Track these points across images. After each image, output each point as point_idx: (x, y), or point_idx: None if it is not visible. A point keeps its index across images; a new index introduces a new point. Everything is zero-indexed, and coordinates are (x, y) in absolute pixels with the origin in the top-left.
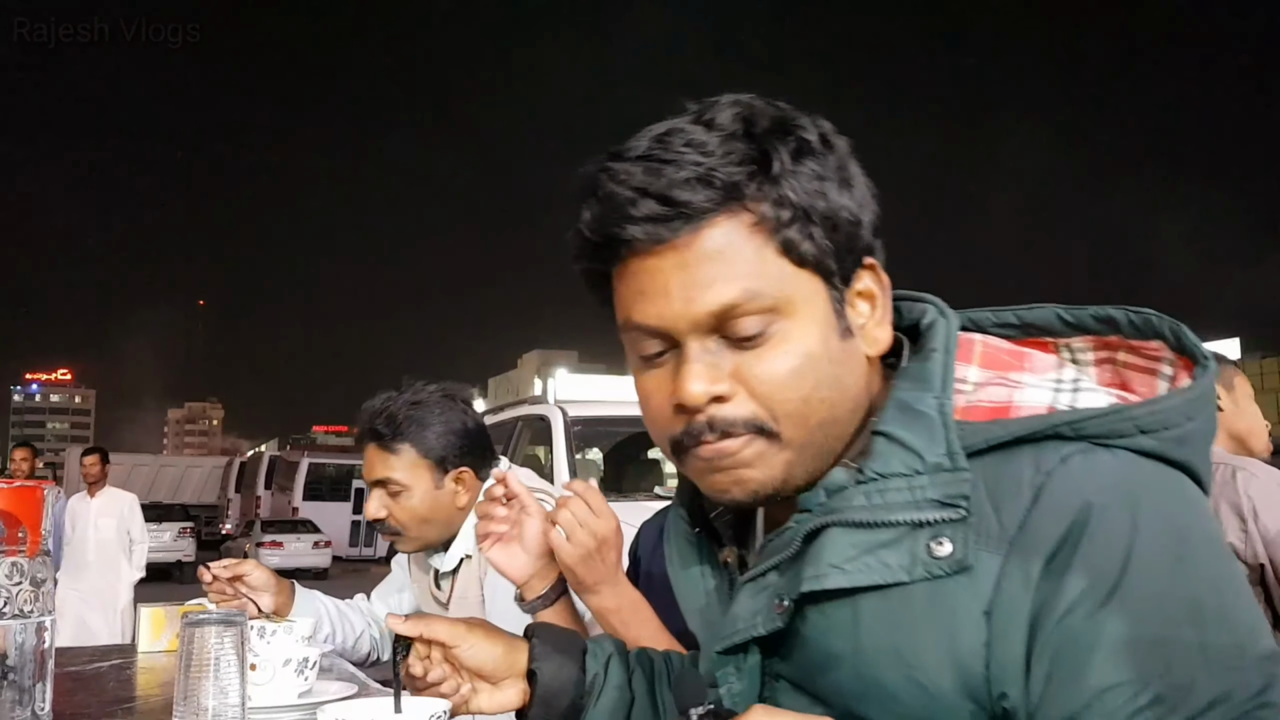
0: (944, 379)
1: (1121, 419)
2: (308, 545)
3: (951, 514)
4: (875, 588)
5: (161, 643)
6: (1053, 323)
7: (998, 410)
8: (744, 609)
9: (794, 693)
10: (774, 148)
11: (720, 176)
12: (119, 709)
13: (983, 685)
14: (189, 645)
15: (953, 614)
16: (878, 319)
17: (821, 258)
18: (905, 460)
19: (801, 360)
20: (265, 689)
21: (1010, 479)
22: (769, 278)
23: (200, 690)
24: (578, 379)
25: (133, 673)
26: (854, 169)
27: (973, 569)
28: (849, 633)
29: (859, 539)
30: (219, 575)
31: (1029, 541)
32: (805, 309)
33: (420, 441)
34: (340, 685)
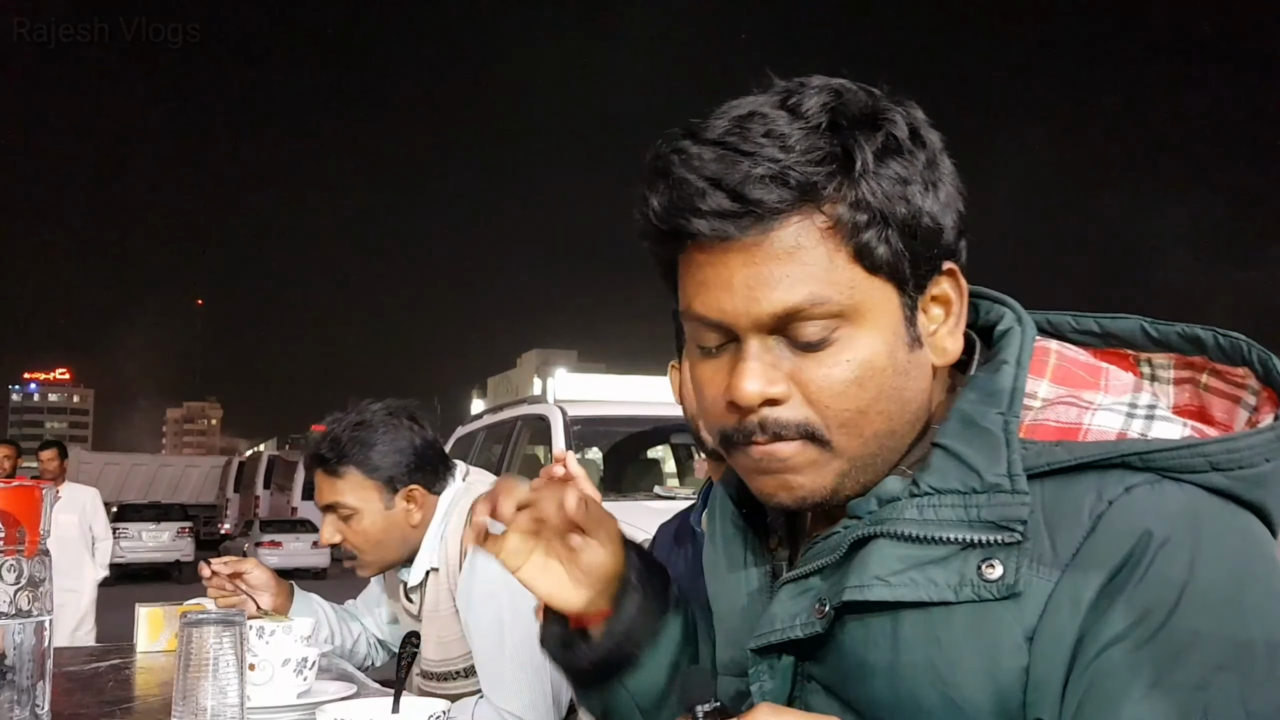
0: (1012, 395)
1: (1195, 454)
2: (306, 545)
3: (1006, 537)
4: (918, 604)
5: (160, 642)
6: (1136, 335)
7: (1065, 431)
8: (784, 609)
9: (825, 696)
10: (859, 145)
11: (797, 176)
12: (117, 709)
13: (1018, 709)
14: (188, 645)
15: (995, 636)
16: (950, 327)
17: (896, 264)
18: (962, 477)
19: (862, 371)
20: (264, 689)
21: (1070, 504)
22: (838, 283)
23: (199, 690)
24: (577, 378)
25: (131, 673)
26: (943, 167)
27: (1022, 594)
28: (887, 645)
29: (907, 553)
30: (219, 571)
31: (1082, 570)
32: (873, 317)
33: (365, 462)
34: (339, 685)
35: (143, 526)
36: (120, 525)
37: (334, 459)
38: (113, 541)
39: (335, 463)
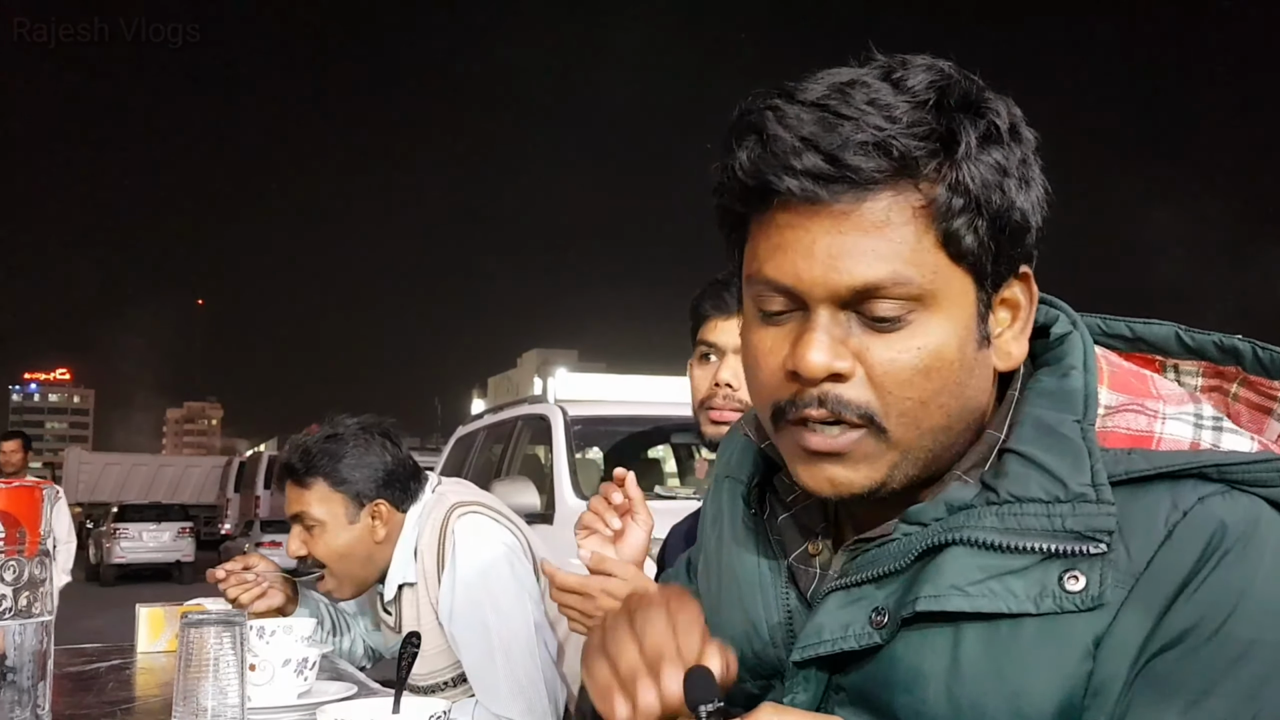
0: (1087, 401)
1: (1270, 469)
2: None
3: (1091, 547)
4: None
5: (160, 643)
6: (1170, 343)
7: (1138, 439)
8: (833, 620)
9: (854, 709)
10: (963, 127)
11: (899, 146)
12: (118, 709)
13: (1077, 712)
14: (188, 646)
15: (1068, 644)
16: (1016, 332)
17: (980, 256)
18: (1045, 485)
19: (931, 359)
20: (264, 689)
21: (1145, 513)
22: (922, 265)
23: (200, 690)
24: (577, 378)
25: (132, 673)
26: (1035, 168)
27: (1100, 605)
28: (945, 653)
29: (987, 562)
30: (231, 569)
31: (1156, 578)
32: (949, 307)
33: (332, 474)
34: (340, 686)
35: (143, 527)
36: (121, 525)
37: (302, 469)
38: (76, 545)
39: (304, 473)
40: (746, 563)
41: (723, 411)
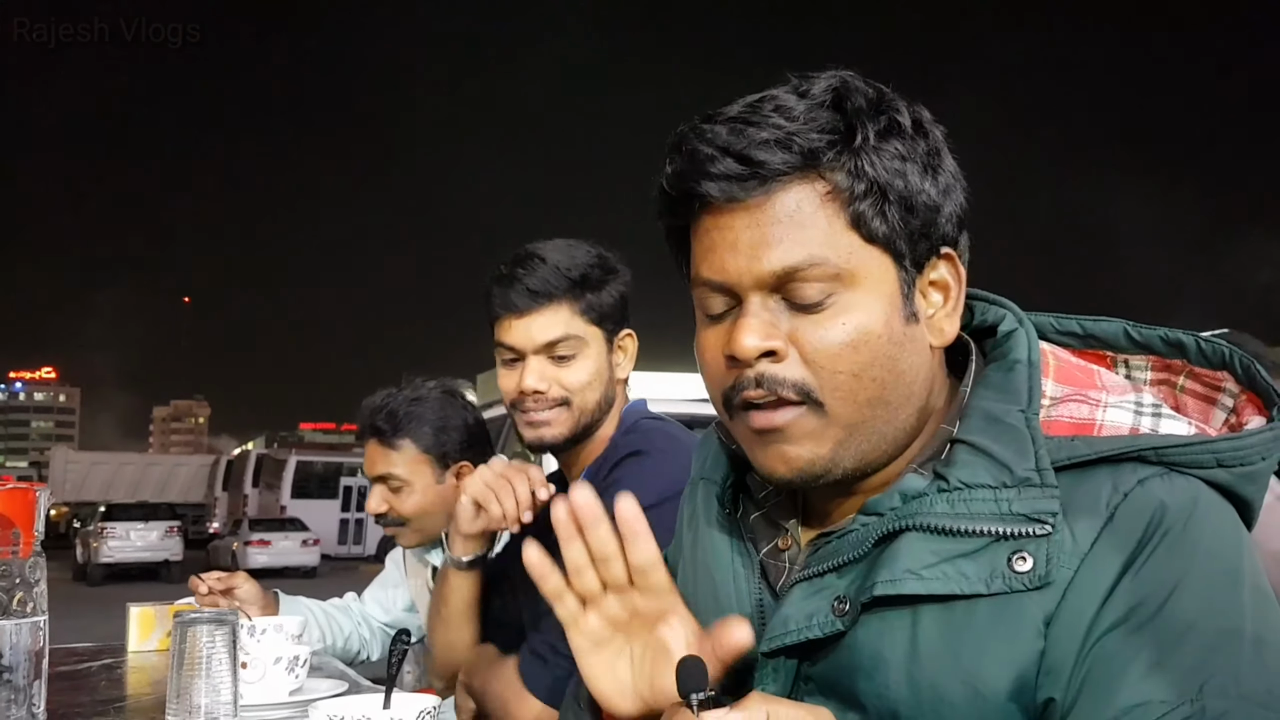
0: (1031, 392)
1: (1204, 450)
2: (296, 543)
3: (1037, 529)
4: (944, 596)
5: (151, 642)
6: (1119, 338)
7: (1080, 426)
8: (798, 610)
9: (823, 696)
10: (861, 122)
11: (800, 142)
12: (111, 708)
13: (1031, 690)
14: (181, 644)
15: (1018, 624)
16: (948, 311)
17: (893, 237)
18: (992, 472)
19: (857, 334)
20: (257, 687)
21: (1088, 496)
22: (837, 247)
23: (193, 688)
24: None
25: (123, 672)
26: (945, 159)
27: (1048, 584)
28: (904, 637)
29: (939, 546)
30: (214, 588)
31: (1100, 558)
32: (870, 285)
33: (421, 437)
34: (331, 683)
35: (131, 526)
36: (108, 525)
37: (390, 431)
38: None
39: (391, 435)
40: (720, 560)
41: (536, 413)
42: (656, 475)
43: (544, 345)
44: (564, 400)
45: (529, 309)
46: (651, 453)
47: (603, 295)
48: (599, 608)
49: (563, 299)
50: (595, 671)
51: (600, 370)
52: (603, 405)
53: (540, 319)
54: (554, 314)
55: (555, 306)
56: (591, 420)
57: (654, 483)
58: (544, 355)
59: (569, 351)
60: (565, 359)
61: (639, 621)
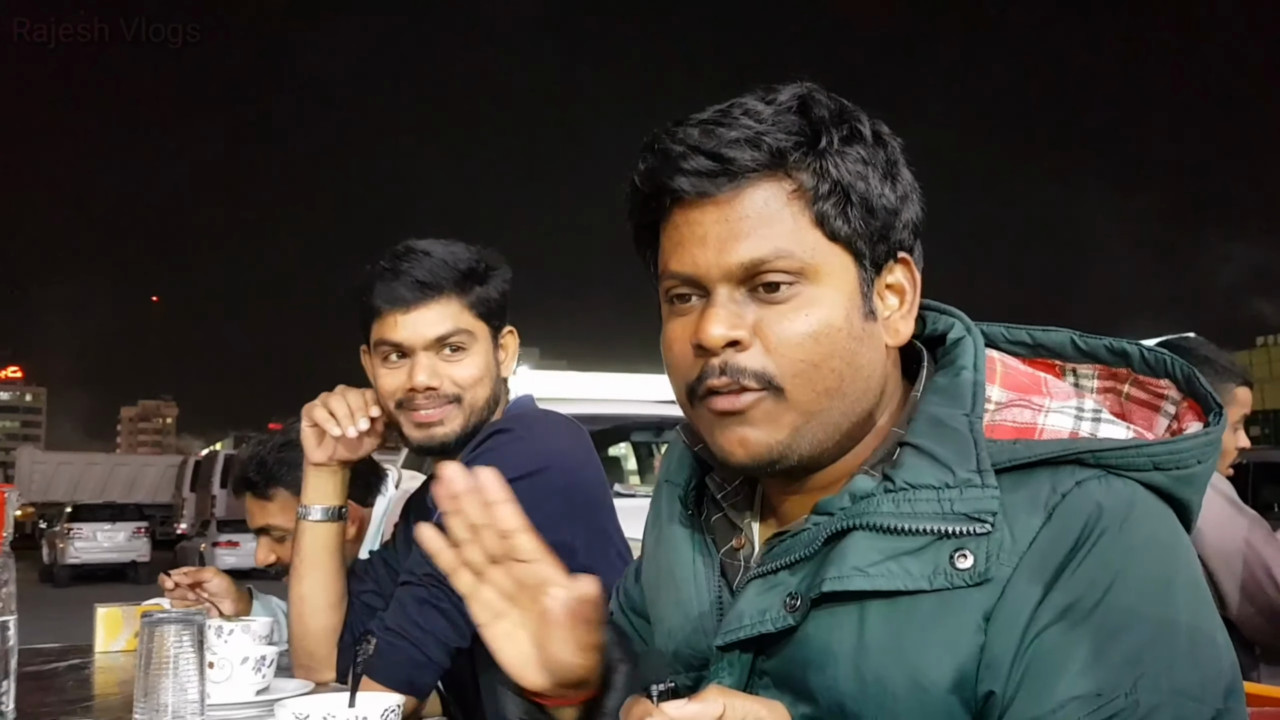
0: (974, 397)
1: (1140, 454)
2: None
3: (977, 528)
4: (890, 592)
5: (118, 643)
6: (1066, 348)
7: (1022, 430)
8: (751, 606)
9: (777, 689)
10: (825, 128)
11: (769, 141)
12: (78, 707)
13: (972, 684)
14: (149, 644)
15: (959, 619)
16: (904, 313)
17: (854, 237)
18: (936, 473)
19: (818, 326)
20: (223, 686)
21: (1028, 497)
22: (802, 243)
23: (160, 688)
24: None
25: (90, 672)
26: (903, 170)
27: (987, 581)
28: (852, 632)
29: (884, 545)
30: (180, 583)
31: (1038, 556)
32: (833, 280)
33: (294, 484)
34: (297, 683)
35: (98, 527)
36: (75, 526)
37: (261, 483)
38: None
39: (264, 486)
40: (682, 559)
41: (429, 412)
42: (520, 450)
43: (434, 340)
44: (455, 397)
45: (417, 302)
46: (516, 429)
47: (489, 289)
48: (489, 580)
49: (451, 292)
50: (499, 644)
51: (489, 366)
52: (490, 403)
53: (429, 313)
54: (443, 307)
55: (444, 300)
56: (480, 419)
57: (518, 457)
58: (433, 351)
59: (459, 346)
60: (455, 354)
61: (525, 593)
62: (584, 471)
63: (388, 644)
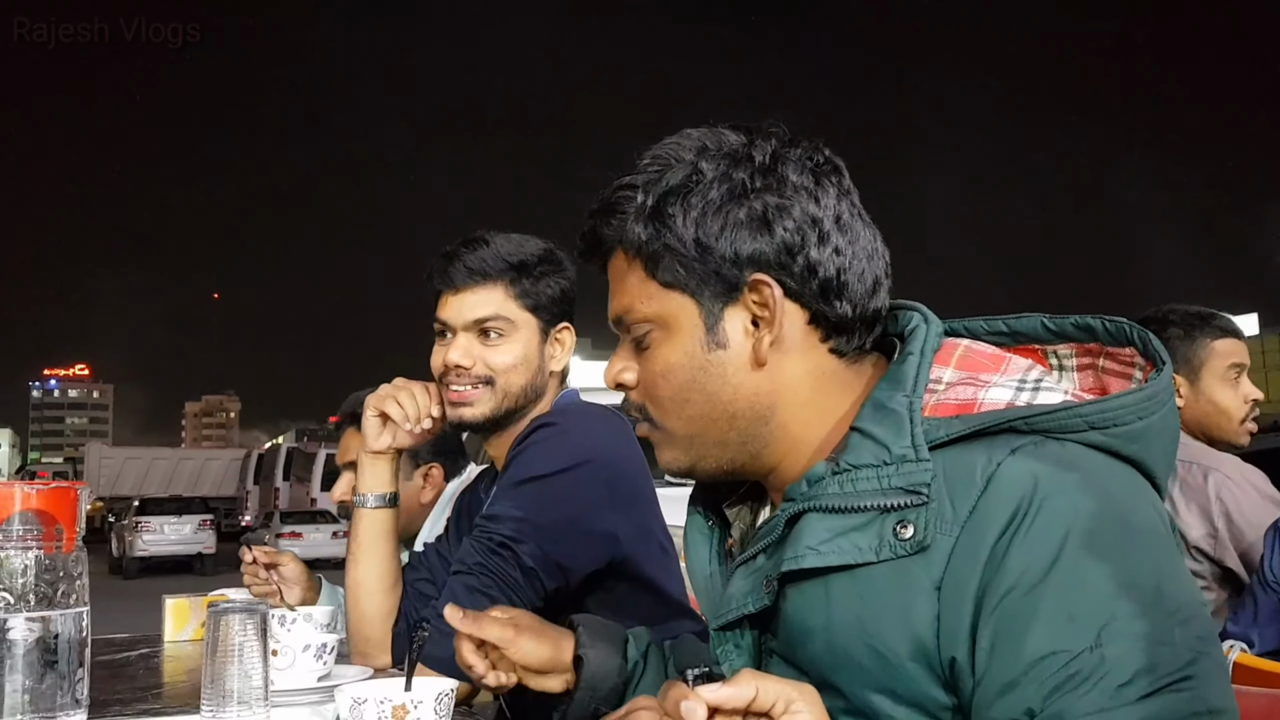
0: (916, 379)
1: (1071, 415)
2: (326, 535)
3: (914, 500)
4: (845, 567)
5: (185, 633)
6: (1038, 331)
7: (963, 407)
8: (738, 590)
9: (784, 665)
10: (666, 201)
11: (615, 222)
12: (149, 694)
13: (934, 652)
14: (215, 633)
15: (910, 589)
16: (771, 336)
17: (683, 281)
18: (875, 452)
19: (664, 366)
20: (286, 673)
21: (965, 468)
22: (644, 297)
23: (226, 675)
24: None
25: (159, 661)
26: (749, 204)
27: (930, 549)
28: (821, 609)
29: (833, 523)
30: (259, 559)
31: (979, 524)
32: (674, 323)
33: None
34: (357, 669)
35: (165, 520)
36: (143, 519)
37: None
38: None
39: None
40: (700, 558)
41: (460, 390)
42: (564, 443)
43: (473, 322)
44: (487, 379)
45: (464, 286)
46: (560, 423)
47: (541, 285)
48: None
49: (498, 280)
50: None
51: (529, 356)
52: (528, 392)
53: (473, 296)
54: (487, 293)
55: (489, 286)
56: (515, 405)
57: (561, 449)
58: (473, 332)
59: (497, 332)
60: (493, 339)
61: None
62: (626, 463)
63: (441, 631)
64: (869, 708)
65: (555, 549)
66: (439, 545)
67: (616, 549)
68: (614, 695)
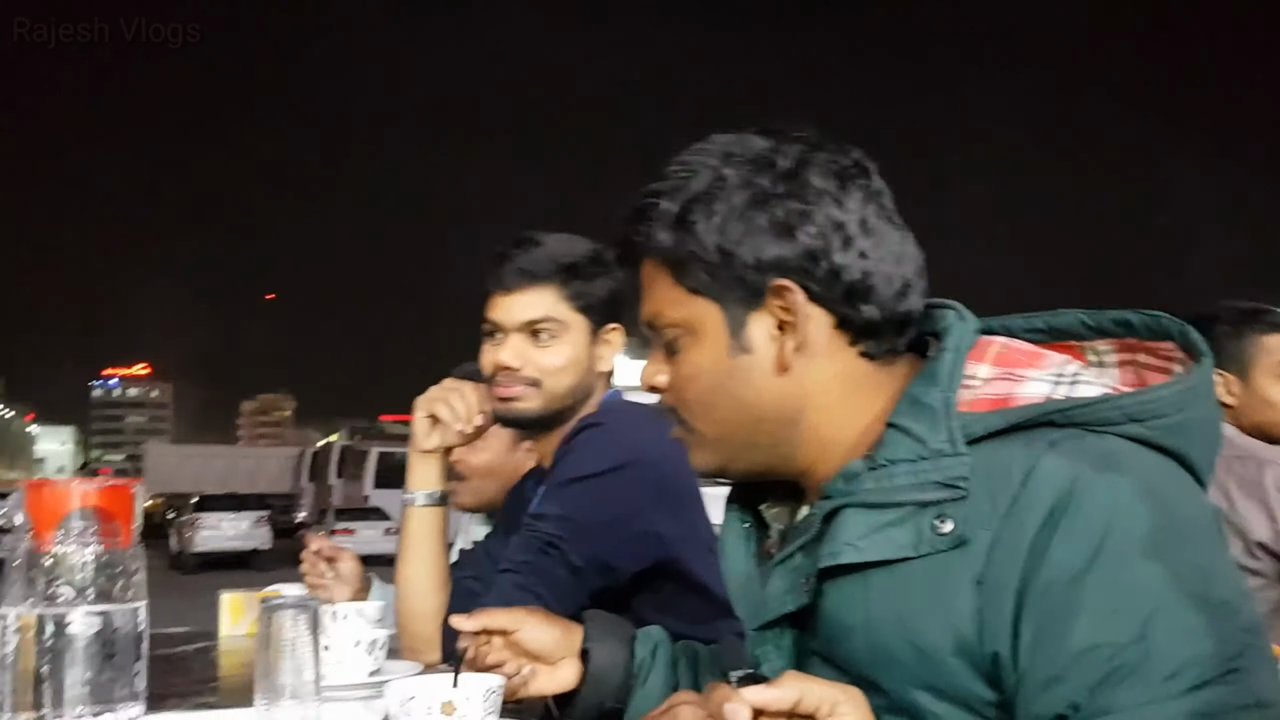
0: (951, 375)
1: (1110, 407)
2: (379, 532)
3: (952, 494)
4: (884, 563)
5: (241, 628)
6: (1076, 327)
7: (999, 402)
8: (775, 589)
9: (823, 665)
10: (690, 208)
11: (643, 229)
12: (205, 688)
13: (976, 647)
14: (267, 629)
15: (949, 584)
16: (797, 341)
17: (709, 287)
18: (911, 447)
19: (691, 369)
20: (337, 668)
21: (1003, 463)
22: (671, 302)
23: (279, 670)
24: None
25: (215, 655)
26: (771, 210)
27: (969, 543)
28: (860, 605)
29: (870, 519)
30: (321, 550)
31: (1018, 518)
32: (701, 328)
33: None
34: (406, 665)
35: (222, 516)
36: (201, 515)
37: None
38: None
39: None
40: (736, 558)
41: (508, 388)
42: (610, 443)
43: (524, 324)
44: (535, 381)
45: (515, 287)
46: (606, 423)
47: (592, 285)
48: None
49: (549, 282)
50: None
51: (578, 358)
52: (576, 393)
53: (524, 298)
54: (538, 295)
55: (541, 288)
56: (563, 406)
57: (607, 450)
58: (523, 334)
59: (548, 333)
60: (543, 340)
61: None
62: (674, 463)
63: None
64: (911, 705)
65: (602, 549)
66: (487, 543)
67: (663, 549)
68: (620, 692)
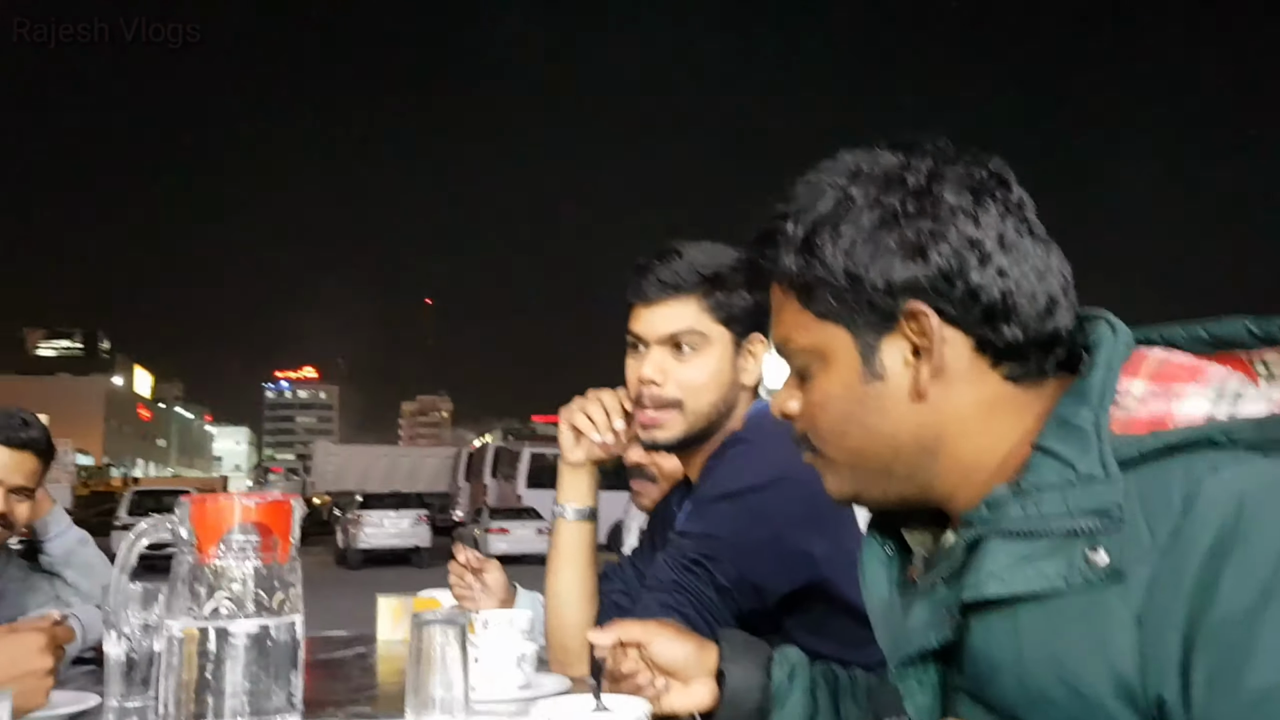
0: (1102, 393)
1: (1277, 425)
2: (531, 532)
3: (1105, 523)
4: (1033, 597)
5: (399, 631)
6: (1242, 335)
7: (1156, 422)
8: (918, 622)
9: (971, 704)
10: (816, 231)
11: (769, 253)
12: (363, 696)
13: (1139, 690)
14: (418, 642)
15: (1106, 621)
16: (932, 368)
17: (838, 312)
18: (1059, 472)
19: (822, 396)
20: (487, 682)
21: (1161, 488)
22: (798, 326)
23: (429, 683)
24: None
25: (373, 661)
26: (901, 231)
27: (1126, 577)
28: (1010, 642)
29: (1016, 549)
30: (470, 562)
31: (1180, 549)
32: (831, 354)
33: None
34: (555, 680)
35: (384, 514)
36: (365, 513)
37: None
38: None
39: None
40: (879, 590)
41: (651, 414)
42: (760, 459)
43: (666, 336)
44: (676, 401)
45: (657, 299)
46: (755, 439)
47: (735, 296)
48: None
49: (691, 293)
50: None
51: (720, 371)
52: (719, 408)
53: (665, 309)
54: (681, 307)
55: (682, 299)
56: (707, 424)
57: (757, 466)
58: (665, 346)
59: (690, 346)
60: (686, 353)
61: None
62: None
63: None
64: None
65: (750, 568)
66: (635, 558)
67: (814, 569)
68: (757, 715)
